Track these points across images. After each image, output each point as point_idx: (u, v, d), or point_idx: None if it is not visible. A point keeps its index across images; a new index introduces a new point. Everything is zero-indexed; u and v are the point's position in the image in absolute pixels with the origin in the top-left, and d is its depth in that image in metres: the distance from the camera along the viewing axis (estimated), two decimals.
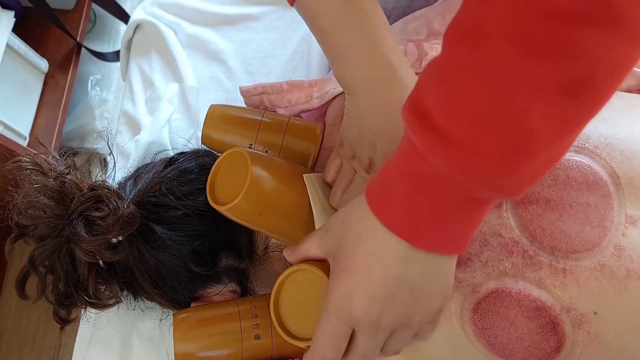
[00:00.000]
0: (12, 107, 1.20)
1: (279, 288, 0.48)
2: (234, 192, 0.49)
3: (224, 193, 0.51)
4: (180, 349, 0.57)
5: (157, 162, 0.66)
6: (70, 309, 0.61)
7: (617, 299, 0.47)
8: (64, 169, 0.57)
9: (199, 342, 0.58)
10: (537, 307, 0.48)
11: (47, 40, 1.36)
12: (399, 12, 0.76)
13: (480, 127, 0.32)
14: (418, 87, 0.36)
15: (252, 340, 0.57)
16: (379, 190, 0.40)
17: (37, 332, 1.33)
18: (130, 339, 0.74)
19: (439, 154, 0.34)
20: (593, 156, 0.50)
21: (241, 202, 0.48)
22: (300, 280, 0.47)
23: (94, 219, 0.54)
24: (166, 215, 0.59)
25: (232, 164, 0.52)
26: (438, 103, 0.34)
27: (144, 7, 1.01)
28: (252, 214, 0.51)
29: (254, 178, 0.49)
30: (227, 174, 0.52)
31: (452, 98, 0.33)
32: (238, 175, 0.50)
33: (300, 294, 0.47)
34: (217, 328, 0.58)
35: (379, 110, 0.49)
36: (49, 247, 0.57)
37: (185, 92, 0.89)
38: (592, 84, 0.31)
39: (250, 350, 0.57)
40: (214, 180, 0.53)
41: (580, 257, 0.48)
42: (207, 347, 0.58)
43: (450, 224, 0.38)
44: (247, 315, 0.57)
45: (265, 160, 0.52)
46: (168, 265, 0.59)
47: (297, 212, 0.52)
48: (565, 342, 0.48)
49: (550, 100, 0.31)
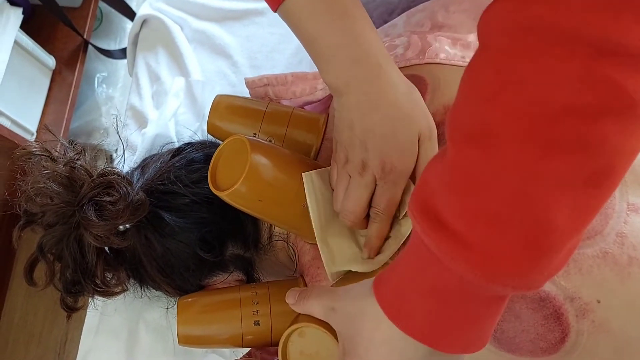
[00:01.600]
0: (19, 104, 1.21)
1: (287, 339, 0.50)
2: (234, 178, 0.50)
3: (225, 179, 0.52)
4: (182, 332, 0.59)
5: (164, 153, 0.67)
6: (77, 296, 0.62)
7: (620, 287, 0.47)
8: (73, 155, 0.57)
9: (201, 325, 0.60)
10: (540, 297, 0.48)
11: (55, 38, 1.37)
12: (403, 4, 0.77)
13: (501, 229, 0.32)
14: (425, 189, 0.36)
15: (251, 326, 0.58)
16: (395, 298, 0.39)
17: (44, 326, 1.34)
18: (137, 328, 0.74)
19: (459, 261, 0.33)
20: None
21: (240, 187, 0.49)
22: (307, 333, 0.49)
23: (105, 204, 0.55)
24: (174, 203, 0.59)
25: (233, 151, 0.53)
26: (451, 207, 0.33)
27: (151, 2, 1.02)
28: (251, 199, 0.51)
29: (253, 164, 0.50)
30: (228, 160, 0.53)
31: (467, 201, 0.33)
32: (239, 162, 0.51)
33: (306, 346, 0.49)
34: (219, 313, 0.59)
35: (368, 106, 0.49)
36: (57, 233, 0.58)
37: (191, 86, 0.90)
38: (614, 173, 0.31)
39: (250, 335, 0.58)
40: (215, 166, 0.53)
41: (583, 244, 0.48)
42: (209, 331, 0.60)
43: (476, 325, 0.37)
44: (247, 301, 0.59)
45: (265, 147, 0.53)
46: (175, 252, 0.60)
47: (296, 199, 0.53)
48: (569, 332, 0.47)
49: (573, 194, 0.31)
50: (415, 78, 0.61)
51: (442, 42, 0.64)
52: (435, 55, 0.62)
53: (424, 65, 0.62)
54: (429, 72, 0.61)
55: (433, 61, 0.62)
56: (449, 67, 0.62)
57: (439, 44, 0.63)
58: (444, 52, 0.62)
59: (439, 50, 0.62)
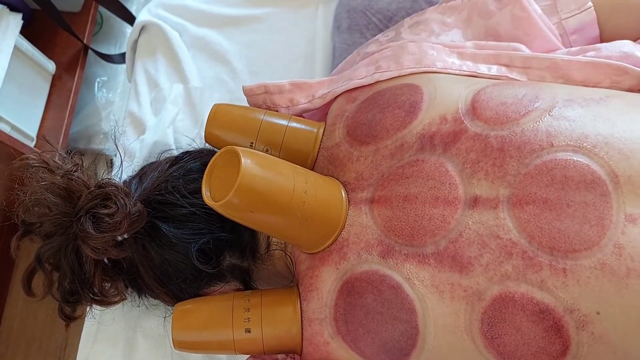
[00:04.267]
0: (19, 109, 1.21)
1: None
2: (227, 190, 0.50)
3: (218, 190, 0.52)
4: (177, 337, 0.60)
5: (162, 161, 0.67)
6: (75, 306, 0.62)
7: (618, 298, 0.46)
8: (71, 167, 0.57)
9: (194, 331, 0.60)
10: (540, 310, 0.48)
11: (54, 43, 1.37)
12: (402, 12, 0.77)
13: None
14: None
15: (243, 334, 0.58)
16: None
17: (43, 331, 1.34)
18: (135, 336, 0.74)
19: None
20: (591, 155, 0.50)
21: (232, 198, 0.50)
22: None
23: (102, 216, 0.55)
24: (172, 213, 0.59)
25: (227, 162, 0.53)
26: None
27: (149, 8, 1.02)
28: (243, 210, 0.52)
29: (244, 176, 0.50)
30: (222, 172, 0.53)
31: None
32: (232, 173, 0.51)
33: None
34: (211, 320, 0.60)
35: None
36: (55, 244, 0.58)
37: (190, 93, 0.90)
38: None
39: (242, 342, 0.58)
40: (209, 177, 0.54)
41: (580, 256, 0.48)
42: (202, 337, 0.60)
43: None
44: (239, 309, 0.59)
45: (258, 158, 0.53)
46: (173, 262, 0.60)
47: (289, 210, 0.53)
48: (570, 345, 0.47)
49: None
50: (411, 87, 0.61)
51: (439, 51, 0.64)
52: (432, 64, 0.62)
53: (420, 74, 0.62)
54: (426, 81, 0.61)
55: (430, 70, 0.62)
56: (444, 75, 0.62)
57: (436, 52, 0.63)
58: (441, 60, 0.62)
59: (435, 58, 0.63)
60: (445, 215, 0.52)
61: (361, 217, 0.57)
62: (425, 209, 0.53)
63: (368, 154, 0.59)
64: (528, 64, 0.61)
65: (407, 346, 0.52)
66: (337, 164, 0.61)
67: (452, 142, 0.55)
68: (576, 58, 0.60)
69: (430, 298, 0.51)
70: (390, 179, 0.56)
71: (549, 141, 0.51)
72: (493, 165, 0.52)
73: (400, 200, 0.55)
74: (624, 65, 0.58)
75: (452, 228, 0.52)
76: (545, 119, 0.53)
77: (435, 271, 0.51)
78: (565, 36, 0.67)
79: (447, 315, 0.51)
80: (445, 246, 0.52)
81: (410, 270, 0.52)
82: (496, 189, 0.51)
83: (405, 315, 0.52)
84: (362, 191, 0.58)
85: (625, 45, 0.61)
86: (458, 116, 0.56)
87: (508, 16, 0.65)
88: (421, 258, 0.52)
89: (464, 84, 0.59)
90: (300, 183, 0.54)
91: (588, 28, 0.66)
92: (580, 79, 0.60)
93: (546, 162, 0.50)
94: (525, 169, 0.51)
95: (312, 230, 0.56)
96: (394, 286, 0.53)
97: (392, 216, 0.55)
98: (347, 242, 0.56)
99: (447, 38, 0.67)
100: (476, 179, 0.52)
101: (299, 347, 0.58)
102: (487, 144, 0.53)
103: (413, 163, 0.56)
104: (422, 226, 0.53)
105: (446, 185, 0.53)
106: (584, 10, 0.65)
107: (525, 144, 0.52)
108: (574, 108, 0.53)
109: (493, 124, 0.54)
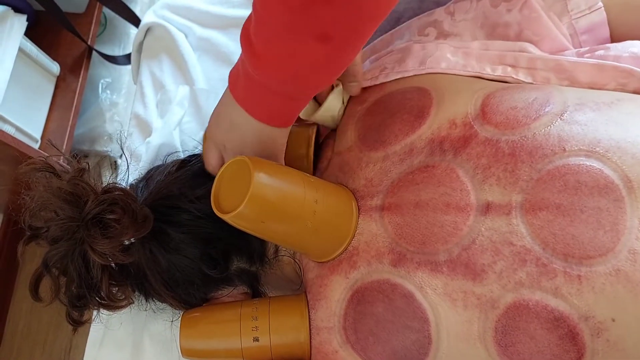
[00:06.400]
0: (24, 110, 1.21)
1: None
2: (238, 200, 0.49)
3: (228, 201, 0.51)
4: (184, 345, 0.60)
5: (168, 164, 0.67)
6: (82, 310, 0.62)
7: (634, 305, 0.46)
8: (77, 171, 0.57)
9: (202, 340, 0.60)
10: (555, 317, 0.47)
11: (59, 44, 1.37)
12: (409, 13, 0.76)
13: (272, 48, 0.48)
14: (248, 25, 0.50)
15: (251, 342, 0.58)
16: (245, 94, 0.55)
17: (48, 334, 1.34)
18: (142, 340, 0.74)
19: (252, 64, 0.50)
20: (604, 160, 0.49)
21: (244, 209, 0.48)
22: None
23: (109, 222, 0.54)
24: (179, 218, 0.59)
25: (236, 171, 0.52)
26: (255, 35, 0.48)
27: (155, 10, 1.01)
28: (255, 221, 0.51)
29: (256, 186, 0.49)
30: (231, 181, 0.52)
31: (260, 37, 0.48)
32: (241, 183, 0.50)
33: None
34: (219, 327, 0.60)
35: None
36: (62, 249, 0.57)
37: (196, 95, 0.89)
38: None
39: (249, 350, 0.58)
40: (218, 188, 0.53)
41: (594, 262, 0.47)
42: (209, 345, 0.60)
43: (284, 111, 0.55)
44: (247, 317, 0.59)
45: (268, 167, 0.52)
46: (180, 267, 0.59)
47: (300, 219, 0.52)
48: (585, 352, 0.47)
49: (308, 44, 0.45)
50: (420, 91, 0.60)
51: (443, 50, 0.63)
52: (436, 64, 0.62)
53: (424, 75, 0.62)
54: (432, 84, 0.61)
55: (434, 71, 0.62)
56: (452, 77, 0.61)
57: (440, 52, 0.63)
58: (445, 60, 0.62)
59: (440, 58, 0.62)
60: (457, 222, 0.52)
61: (371, 225, 0.56)
62: (437, 215, 0.53)
63: (377, 160, 0.59)
64: (533, 64, 0.61)
65: (419, 355, 0.52)
66: (347, 170, 0.61)
67: (462, 147, 0.54)
68: (582, 60, 0.60)
69: (443, 306, 0.51)
70: (400, 185, 0.56)
71: (561, 146, 0.51)
72: (505, 171, 0.51)
73: (411, 207, 0.54)
74: (629, 67, 0.57)
75: (465, 235, 0.51)
76: (557, 123, 0.52)
77: (448, 279, 0.51)
78: (575, 36, 0.66)
79: (460, 323, 0.50)
80: (458, 253, 0.51)
81: (422, 279, 0.52)
82: (509, 195, 0.51)
83: (417, 324, 0.52)
84: (371, 198, 0.57)
85: (635, 46, 0.61)
86: (467, 120, 0.56)
87: (517, 16, 0.65)
88: (433, 266, 0.52)
89: (473, 88, 0.59)
90: (311, 192, 0.54)
91: (598, 28, 0.65)
92: (585, 81, 0.59)
93: (559, 167, 0.50)
94: (538, 174, 0.50)
95: (322, 240, 0.56)
96: (405, 295, 0.52)
97: (403, 223, 0.54)
98: (357, 251, 0.56)
99: (455, 38, 0.67)
100: (488, 184, 0.52)
101: (308, 356, 0.58)
102: (498, 149, 0.53)
103: (423, 169, 0.55)
104: (434, 233, 0.52)
105: (457, 192, 0.53)
106: (595, 10, 0.65)
107: (537, 148, 0.51)
108: (585, 112, 0.53)
109: (503, 129, 0.53)
